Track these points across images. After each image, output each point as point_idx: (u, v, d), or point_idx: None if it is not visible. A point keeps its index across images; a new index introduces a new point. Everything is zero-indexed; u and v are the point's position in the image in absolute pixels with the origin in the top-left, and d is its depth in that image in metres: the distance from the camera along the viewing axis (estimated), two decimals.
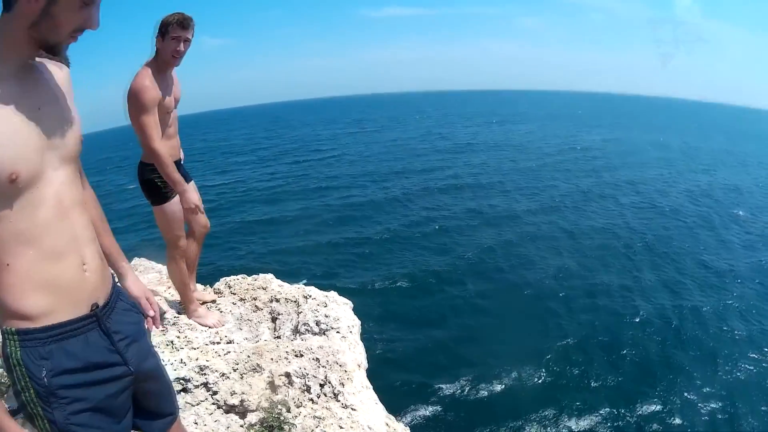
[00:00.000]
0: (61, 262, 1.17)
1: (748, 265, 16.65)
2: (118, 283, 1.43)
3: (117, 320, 1.30)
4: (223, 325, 3.34)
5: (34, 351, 1.12)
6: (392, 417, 3.60)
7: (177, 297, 3.58)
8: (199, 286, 3.94)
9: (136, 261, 4.49)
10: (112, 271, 1.44)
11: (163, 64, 2.83)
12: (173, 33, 2.73)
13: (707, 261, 16.82)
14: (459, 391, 9.76)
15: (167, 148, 2.96)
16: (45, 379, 1.12)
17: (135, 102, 2.69)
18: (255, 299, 3.62)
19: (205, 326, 3.29)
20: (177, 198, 3.01)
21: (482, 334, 11.83)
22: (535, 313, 12.97)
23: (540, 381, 10.23)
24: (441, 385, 9.87)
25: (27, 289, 1.12)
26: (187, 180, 3.21)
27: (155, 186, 2.94)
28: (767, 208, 24.55)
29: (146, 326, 1.48)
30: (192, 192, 2.95)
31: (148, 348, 1.42)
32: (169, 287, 3.82)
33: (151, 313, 1.51)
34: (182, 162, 3.22)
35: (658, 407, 9.67)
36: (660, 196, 25.69)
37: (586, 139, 48.39)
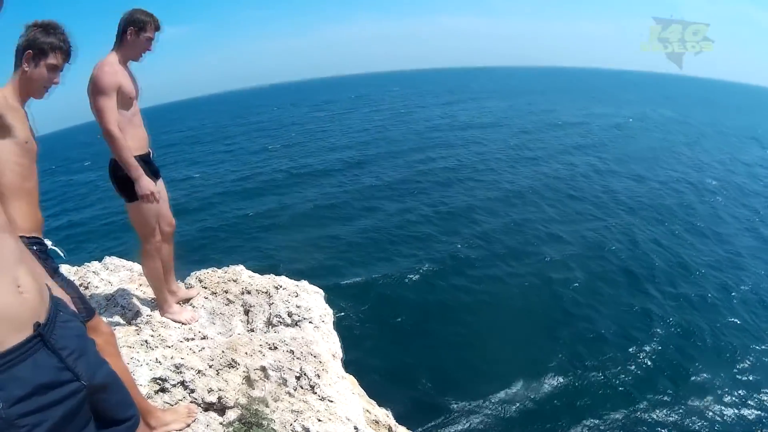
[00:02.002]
0: None
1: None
2: (55, 295, 1.38)
3: (61, 335, 1.25)
4: (196, 321, 3.30)
5: None
6: (374, 402, 3.60)
7: (149, 295, 3.52)
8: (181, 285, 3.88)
9: (107, 259, 4.40)
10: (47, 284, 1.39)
11: (127, 56, 2.86)
12: (150, 33, 2.82)
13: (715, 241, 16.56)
14: (446, 382, 9.55)
15: (135, 139, 2.95)
16: (2, 412, 1.08)
17: (94, 85, 2.69)
18: (226, 292, 3.57)
19: (179, 323, 3.27)
20: None
21: (472, 326, 11.43)
22: (532, 305, 12.40)
23: (535, 372, 9.90)
24: (427, 376, 9.67)
25: None
26: (157, 176, 3.15)
27: (130, 181, 2.87)
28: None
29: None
30: (147, 179, 2.88)
31: (96, 356, 1.38)
32: (141, 285, 3.75)
33: None
34: (152, 156, 3.16)
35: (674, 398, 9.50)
36: (652, 170, 25.61)
37: (565, 114, 48.40)
